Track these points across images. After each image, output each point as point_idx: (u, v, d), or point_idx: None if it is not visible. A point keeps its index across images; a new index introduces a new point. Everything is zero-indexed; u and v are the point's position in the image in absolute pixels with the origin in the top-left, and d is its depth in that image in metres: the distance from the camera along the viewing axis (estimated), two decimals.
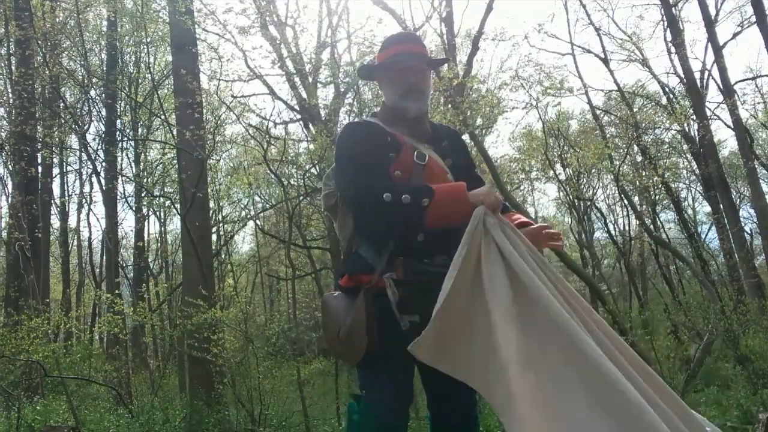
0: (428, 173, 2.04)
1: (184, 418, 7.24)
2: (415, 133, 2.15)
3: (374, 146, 2.06)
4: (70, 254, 18.84)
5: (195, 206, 8.15)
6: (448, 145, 2.22)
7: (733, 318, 7.89)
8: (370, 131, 2.12)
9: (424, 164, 2.05)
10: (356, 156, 2.07)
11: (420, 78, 2.16)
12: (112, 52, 13.42)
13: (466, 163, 2.29)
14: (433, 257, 1.97)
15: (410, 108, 2.13)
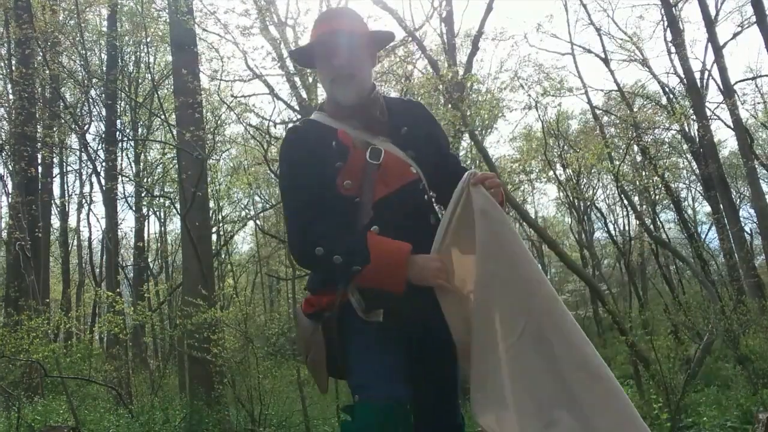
0: (384, 173, 1.79)
1: (184, 418, 7.24)
2: (366, 124, 1.85)
3: (316, 160, 1.79)
4: (70, 254, 18.84)
5: (195, 206, 8.15)
6: (409, 131, 1.89)
7: (733, 318, 7.89)
8: (310, 140, 1.84)
9: (379, 163, 1.79)
10: (294, 182, 1.84)
11: (351, 60, 1.82)
12: (112, 52, 13.42)
13: (435, 141, 1.97)
14: None
15: (340, 97, 1.84)
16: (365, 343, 1.72)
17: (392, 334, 1.72)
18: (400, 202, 1.78)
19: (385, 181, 1.78)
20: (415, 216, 1.80)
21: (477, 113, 8.94)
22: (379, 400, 1.65)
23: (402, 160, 1.83)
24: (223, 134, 12.26)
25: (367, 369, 1.72)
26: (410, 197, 1.81)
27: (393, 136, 1.86)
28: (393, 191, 1.78)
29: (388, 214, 1.76)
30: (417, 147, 1.87)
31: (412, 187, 1.82)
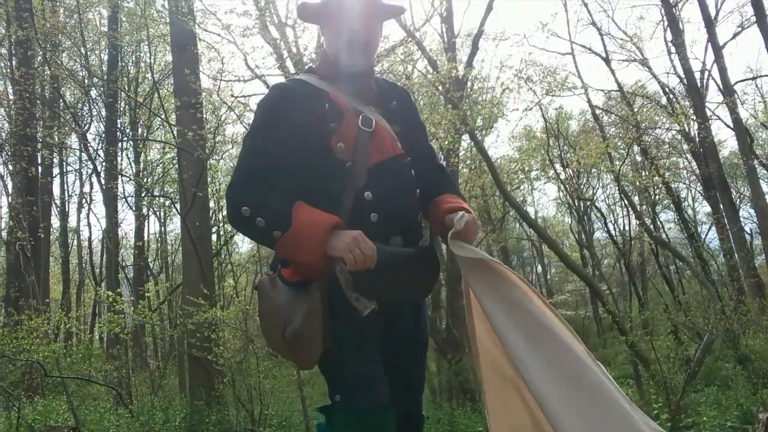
0: (376, 142, 1.76)
1: (184, 418, 7.24)
2: (359, 92, 1.82)
3: (306, 118, 1.72)
4: (70, 254, 18.84)
5: (195, 206, 8.15)
6: (398, 107, 1.89)
7: (733, 318, 7.88)
8: (300, 98, 1.76)
9: (371, 131, 1.76)
10: (262, 142, 1.73)
11: (368, 27, 1.79)
12: (113, 52, 13.42)
13: (416, 130, 1.98)
14: (388, 239, 1.71)
15: (351, 61, 1.78)
16: (352, 338, 1.66)
17: (377, 329, 1.70)
18: (393, 171, 1.77)
19: (379, 148, 1.76)
20: (405, 188, 1.80)
21: (478, 113, 8.94)
22: (363, 407, 1.64)
23: (390, 134, 1.82)
24: (223, 134, 12.28)
25: (353, 370, 1.67)
26: (400, 168, 1.80)
27: (382, 108, 1.85)
28: (387, 158, 1.77)
29: (381, 182, 1.72)
30: (402, 125, 1.88)
31: (402, 159, 1.82)
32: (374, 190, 1.71)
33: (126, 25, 13.42)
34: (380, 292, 1.66)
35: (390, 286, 1.67)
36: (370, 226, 1.66)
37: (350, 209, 1.68)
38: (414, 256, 1.73)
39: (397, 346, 1.79)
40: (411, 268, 1.71)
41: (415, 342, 1.85)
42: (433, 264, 1.79)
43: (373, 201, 1.70)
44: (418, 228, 1.84)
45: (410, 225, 1.78)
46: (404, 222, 1.76)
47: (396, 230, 1.73)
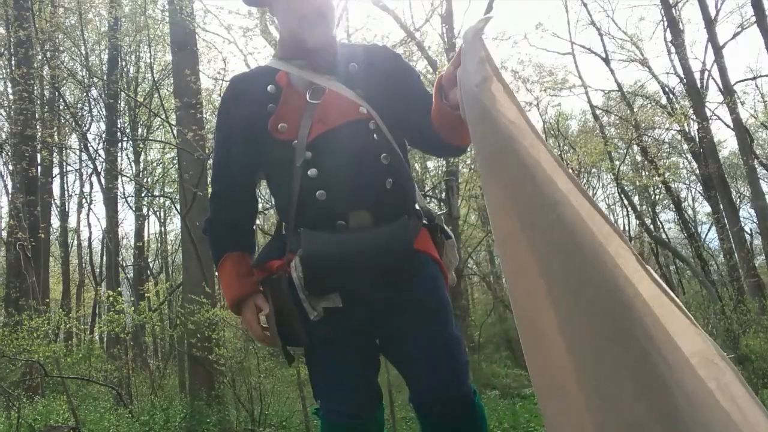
0: (321, 113, 1.62)
1: (184, 418, 7.24)
2: (315, 63, 1.68)
3: (246, 107, 1.68)
4: (70, 254, 18.84)
5: (195, 206, 8.15)
6: (359, 69, 1.70)
7: (733, 318, 7.90)
8: (246, 87, 1.73)
9: (318, 103, 1.63)
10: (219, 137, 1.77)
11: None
12: (114, 52, 13.43)
13: (399, 82, 1.73)
14: (346, 216, 1.57)
15: (308, 36, 1.66)
16: (319, 341, 1.58)
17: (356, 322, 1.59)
18: (339, 141, 1.61)
19: (323, 119, 1.62)
20: (361, 156, 1.61)
21: None
22: (336, 420, 1.60)
23: (348, 99, 1.65)
24: None
25: (325, 379, 1.63)
26: (353, 136, 1.62)
27: (339, 74, 1.69)
28: (331, 128, 1.62)
29: (325, 155, 1.59)
30: (368, 85, 1.69)
31: (358, 125, 1.64)
32: (318, 165, 1.58)
33: (126, 25, 13.42)
34: (329, 288, 1.56)
35: (335, 280, 1.55)
36: (319, 205, 1.56)
37: (298, 191, 1.58)
38: (357, 240, 1.54)
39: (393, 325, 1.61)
40: (356, 255, 1.52)
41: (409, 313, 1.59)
42: (388, 241, 1.55)
43: (318, 178, 1.57)
44: (393, 197, 1.62)
45: (376, 196, 1.59)
46: (364, 194, 1.58)
47: (355, 205, 1.57)
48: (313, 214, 1.57)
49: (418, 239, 1.65)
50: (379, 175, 1.61)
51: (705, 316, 8.04)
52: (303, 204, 1.58)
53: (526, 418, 6.28)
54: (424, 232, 1.70)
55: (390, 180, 1.62)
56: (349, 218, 1.57)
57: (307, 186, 1.57)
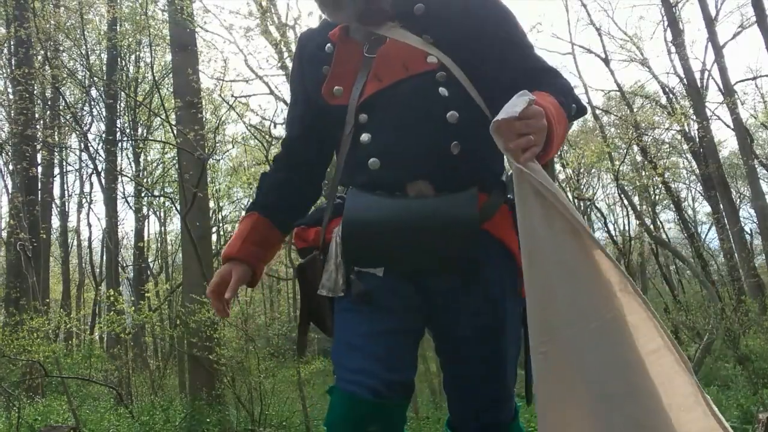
0: (379, 67, 1.38)
1: (185, 418, 7.24)
2: (369, 11, 1.39)
3: (306, 72, 1.53)
4: (70, 254, 18.84)
5: (195, 206, 8.15)
6: (427, 10, 1.41)
7: (733, 318, 7.90)
8: (312, 44, 1.54)
9: (374, 57, 1.39)
10: (291, 93, 1.63)
11: None
12: (113, 52, 13.43)
13: (477, 27, 1.40)
14: (403, 187, 1.35)
15: None
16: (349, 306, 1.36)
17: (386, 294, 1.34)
18: (397, 99, 1.36)
19: (379, 74, 1.38)
20: (422, 115, 1.35)
21: None
22: (360, 392, 1.25)
23: (411, 47, 1.37)
24: (223, 134, 12.28)
25: (344, 341, 1.35)
26: (414, 92, 1.36)
27: (404, 17, 1.41)
28: (387, 86, 1.37)
29: (380, 117, 1.36)
30: (440, 28, 1.39)
31: (421, 79, 1.37)
32: (373, 129, 1.36)
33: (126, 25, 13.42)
34: (371, 262, 1.34)
35: (380, 252, 1.33)
36: (371, 174, 1.35)
37: (351, 159, 1.38)
38: (409, 207, 1.32)
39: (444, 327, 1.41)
40: (406, 224, 1.30)
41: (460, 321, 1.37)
42: (447, 214, 1.30)
43: (371, 143, 1.36)
44: (461, 164, 1.35)
45: (438, 163, 1.34)
46: (423, 161, 1.33)
47: (414, 174, 1.34)
48: (366, 181, 1.36)
49: (494, 220, 1.35)
50: (442, 137, 1.34)
51: (705, 316, 8.04)
52: (353, 173, 1.38)
53: (526, 418, 6.28)
54: (505, 211, 1.36)
55: (457, 144, 1.34)
56: (406, 189, 1.34)
57: (359, 153, 1.36)
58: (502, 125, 1.15)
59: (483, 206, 1.33)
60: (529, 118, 1.14)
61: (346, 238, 1.33)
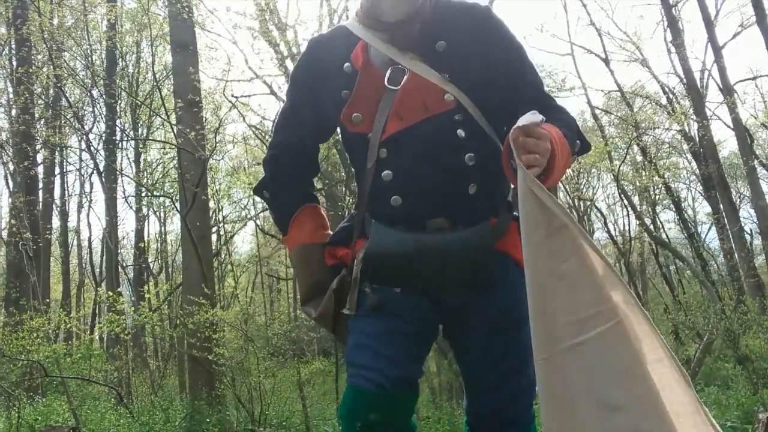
0: (398, 105, 1.42)
1: (185, 418, 7.24)
2: (395, 39, 1.44)
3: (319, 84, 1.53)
4: (70, 254, 18.83)
5: (195, 206, 8.16)
6: (448, 47, 1.45)
7: (733, 318, 7.89)
8: (323, 59, 1.54)
9: (397, 89, 1.42)
10: (288, 102, 1.62)
11: None
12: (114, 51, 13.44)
13: (491, 65, 1.46)
14: (423, 223, 1.43)
15: (386, 10, 1.43)
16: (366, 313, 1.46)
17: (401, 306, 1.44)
18: (417, 140, 1.42)
19: (401, 113, 1.42)
20: (441, 158, 1.42)
21: None
22: (368, 387, 1.37)
23: (431, 84, 1.42)
24: (223, 134, 12.29)
25: (355, 343, 1.45)
26: (434, 134, 1.42)
27: (425, 52, 1.45)
28: (408, 126, 1.42)
29: (402, 156, 1.42)
30: (459, 68, 1.44)
31: (439, 120, 1.43)
32: (394, 167, 1.42)
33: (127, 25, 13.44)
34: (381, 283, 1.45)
35: (401, 279, 1.44)
36: (392, 210, 1.43)
37: (372, 192, 1.45)
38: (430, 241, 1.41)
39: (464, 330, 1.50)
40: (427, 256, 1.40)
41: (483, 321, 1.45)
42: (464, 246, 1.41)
43: (393, 181, 1.42)
44: (477, 203, 1.44)
45: (456, 204, 1.42)
46: (443, 202, 1.42)
47: (433, 212, 1.42)
48: (388, 215, 1.45)
49: (506, 237, 1.46)
50: (461, 180, 1.42)
51: (705, 316, 8.04)
52: (377, 205, 1.46)
53: None
54: (514, 228, 1.44)
55: (474, 185, 1.43)
56: (426, 225, 1.44)
57: (382, 188, 1.44)
58: (522, 131, 1.22)
59: (493, 228, 1.45)
60: (537, 138, 1.22)
61: (369, 271, 1.44)
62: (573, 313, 1.21)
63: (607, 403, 1.19)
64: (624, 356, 1.19)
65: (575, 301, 1.22)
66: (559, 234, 1.23)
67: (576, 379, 1.21)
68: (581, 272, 1.22)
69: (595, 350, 1.19)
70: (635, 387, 1.18)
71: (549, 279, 1.23)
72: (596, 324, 1.20)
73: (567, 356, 1.20)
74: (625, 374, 1.19)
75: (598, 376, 1.20)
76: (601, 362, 1.20)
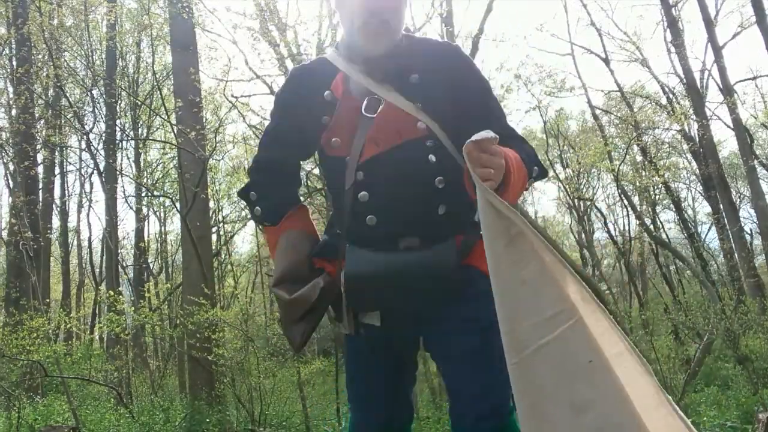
0: (375, 131, 1.54)
1: (185, 418, 7.25)
2: (373, 70, 1.57)
3: (302, 112, 1.64)
4: (70, 254, 18.83)
5: (195, 206, 8.16)
6: (422, 77, 1.57)
7: (733, 318, 7.89)
8: (305, 86, 1.66)
9: (374, 116, 1.54)
10: (272, 123, 1.75)
11: (386, 3, 1.54)
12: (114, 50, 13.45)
13: (461, 98, 1.59)
14: (396, 242, 1.55)
15: (368, 46, 1.56)
16: (353, 353, 1.70)
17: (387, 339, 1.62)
18: (391, 165, 1.54)
19: (376, 139, 1.54)
20: (413, 181, 1.54)
21: None
22: (357, 420, 1.68)
23: (405, 113, 1.55)
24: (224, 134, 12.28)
25: (356, 386, 1.70)
26: (406, 159, 1.54)
27: (400, 84, 1.57)
28: (383, 151, 1.55)
29: (377, 179, 1.54)
30: (431, 96, 1.56)
31: (412, 146, 1.55)
32: (370, 189, 1.54)
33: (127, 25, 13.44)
34: (370, 305, 1.59)
35: (378, 298, 1.57)
36: (369, 230, 1.55)
37: (349, 212, 1.56)
38: (403, 259, 1.53)
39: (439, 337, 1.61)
40: (400, 274, 1.52)
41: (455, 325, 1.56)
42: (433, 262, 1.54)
43: (369, 202, 1.54)
44: (445, 223, 1.57)
45: (426, 224, 1.55)
46: (414, 222, 1.54)
47: (405, 231, 1.55)
48: (364, 234, 1.56)
49: (474, 253, 1.58)
50: (431, 201, 1.56)
51: (705, 316, 8.03)
52: (354, 224, 1.57)
53: None
54: (481, 245, 1.51)
55: (443, 206, 1.56)
56: (398, 243, 1.55)
57: (358, 209, 1.56)
58: (476, 146, 1.29)
59: (460, 245, 1.57)
60: (491, 154, 1.32)
61: (349, 289, 1.56)
62: (537, 315, 1.26)
63: (576, 402, 1.22)
64: (587, 353, 1.23)
65: (538, 304, 1.26)
66: (518, 241, 1.29)
67: (545, 380, 1.24)
68: (542, 275, 1.27)
69: (559, 350, 1.23)
70: (601, 382, 1.21)
71: (513, 285, 1.28)
72: (558, 324, 1.24)
73: (535, 359, 1.24)
74: (589, 370, 1.22)
75: (564, 375, 1.23)
76: (566, 361, 1.23)
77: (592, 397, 1.21)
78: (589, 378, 1.22)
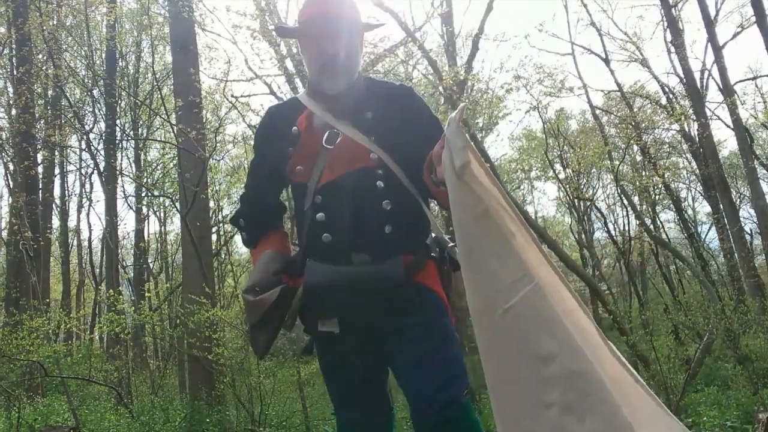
0: (332, 160, 1.76)
1: (185, 418, 7.25)
2: (334, 109, 1.80)
3: (273, 145, 1.88)
4: (70, 254, 18.81)
5: (195, 206, 8.15)
6: (375, 117, 1.80)
7: (733, 318, 7.89)
8: (276, 123, 1.89)
9: (331, 148, 1.76)
10: (253, 158, 2.04)
11: (345, 47, 1.76)
12: (114, 51, 13.45)
13: (411, 131, 1.79)
14: (349, 257, 1.74)
15: (327, 85, 1.78)
16: (324, 359, 1.88)
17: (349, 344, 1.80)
18: (345, 188, 1.75)
19: (333, 166, 1.77)
20: (363, 203, 1.75)
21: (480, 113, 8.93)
22: (342, 424, 1.87)
23: (359, 146, 1.76)
24: (224, 134, 12.29)
25: (332, 389, 1.89)
26: (357, 183, 1.75)
27: (356, 119, 1.79)
28: (338, 176, 1.76)
29: (332, 201, 1.76)
30: (384, 131, 1.78)
31: (364, 173, 1.76)
32: (326, 210, 1.77)
33: (127, 25, 13.43)
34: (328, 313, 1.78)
35: (334, 306, 1.77)
36: (324, 246, 1.75)
37: (307, 231, 1.79)
38: (356, 272, 1.72)
39: (393, 344, 1.76)
40: (354, 284, 1.72)
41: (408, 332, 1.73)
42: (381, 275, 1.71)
43: (325, 222, 1.76)
44: (392, 241, 1.75)
45: (375, 242, 1.74)
46: (364, 240, 1.74)
47: (357, 248, 1.74)
48: (321, 250, 1.76)
49: (423, 273, 1.78)
50: (378, 222, 1.75)
51: (705, 316, 8.03)
52: (312, 242, 1.78)
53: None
54: (431, 265, 1.81)
55: (389, 226, 1.75)
56: (351, 258, 1.74)
57: (315, 228, 1.77)
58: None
59: (409, 264, 1.75)
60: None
61: (307, 297, 1.75)
62: (502, 282, 1.40)
63: (541, 355, 1.35)
64: (548, 310, 1.37)
65: (504, 270, 1.40)
66: (486, 216, 1.42)
67: (511, 339, 1.39)
68: (506, 244, 1.40)
69: (523, 310, 1.37)
70: (563, 335, 1.35)
71: (480, 256, 1.42)
72: (522, 286, 1.38)
73: (503, 320, 1.38)
74: (551, 326, 1.36)
75: (530, 332, 1.37)
76: (530, 319, 1.37)
77: (557, 349, 1.34)
78: (552, 332, 1.35)
